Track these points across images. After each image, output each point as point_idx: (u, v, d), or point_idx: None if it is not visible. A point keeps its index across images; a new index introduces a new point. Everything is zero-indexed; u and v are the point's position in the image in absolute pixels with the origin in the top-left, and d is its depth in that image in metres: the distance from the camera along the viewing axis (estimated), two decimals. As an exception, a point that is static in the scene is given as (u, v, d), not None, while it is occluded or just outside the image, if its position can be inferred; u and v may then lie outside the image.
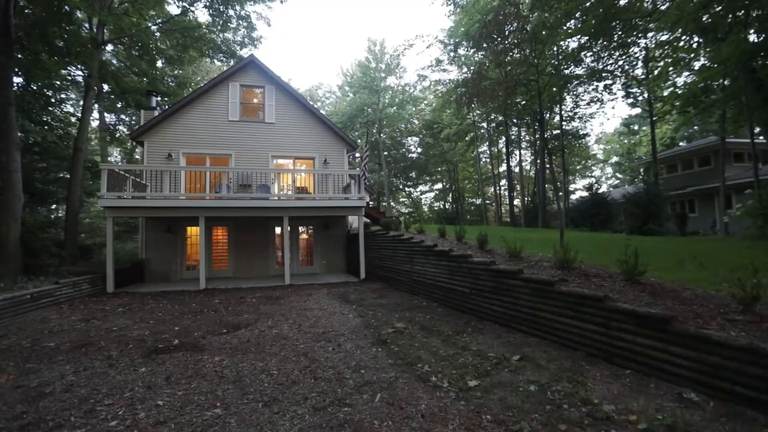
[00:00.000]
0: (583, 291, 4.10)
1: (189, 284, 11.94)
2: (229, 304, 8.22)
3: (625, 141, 44.37)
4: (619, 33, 13.22)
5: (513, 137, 35.57)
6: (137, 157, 28.30)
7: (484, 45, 7.73)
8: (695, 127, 38.56)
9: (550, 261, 5.86)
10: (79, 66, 16.50)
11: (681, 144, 37.66)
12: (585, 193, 30.14)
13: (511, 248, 6.18)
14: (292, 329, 5.91)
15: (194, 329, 5.98)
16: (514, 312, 5.22)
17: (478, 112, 31.31)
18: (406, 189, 46.84)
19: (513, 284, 5.21)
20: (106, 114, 28.57)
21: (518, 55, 7.33)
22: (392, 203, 42.37)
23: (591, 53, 18.90)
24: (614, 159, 52.13)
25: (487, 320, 5.87)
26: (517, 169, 39.28)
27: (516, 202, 44.97)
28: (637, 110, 45.65)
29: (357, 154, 36.37)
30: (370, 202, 20.84)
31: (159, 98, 18.49)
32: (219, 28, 18.79)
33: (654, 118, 23.80)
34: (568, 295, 4.26)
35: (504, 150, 39.47)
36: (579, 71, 22.25)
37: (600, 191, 24.58)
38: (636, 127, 46.66)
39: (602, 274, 4.92)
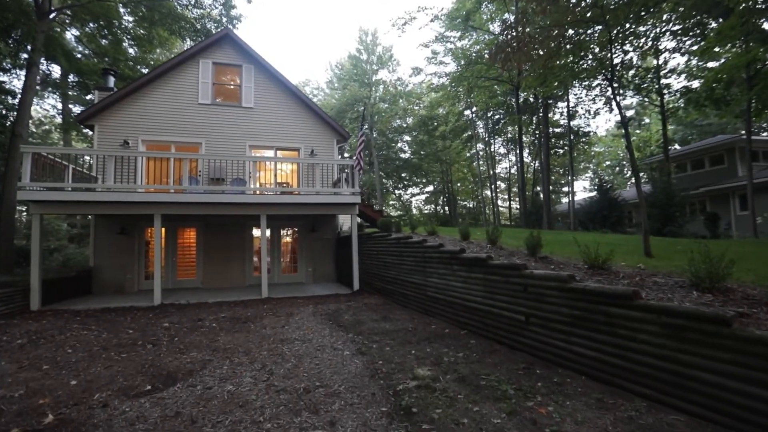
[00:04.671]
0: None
1: (144, 298, 9.65)
2: (179, 331, 6.01)
3: (634, 138, 43.19)
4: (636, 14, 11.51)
5: (510, 136, 33.97)
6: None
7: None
8: (690, 130, 37.65)
9: (656, 274, 3.87)
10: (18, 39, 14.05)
11: (675, 147, 36.57)
12: (590, 194, 28.62)
13: (590, 256, 4.15)
14: (257, 383, 3.76)
15: (102, 384, 3.79)
16: (622, 361, 3.17)
17: (491, 91, 29.62)
18: (396, 191, 44.85)
19: (623, 315, 3.16)
20: (71, 106, 25.86)
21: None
22: (383, 206, 40.32)
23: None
24: (607, 162, 50.95)
25: (560, 366, 3.82)
26: (514, 170, 37.77)
27: (511, 203, 43.45)
28: (631, 112, 44.99)
29: (347, 155, 34.30)
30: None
31: (124, 82, 16.14)
32: (192, 2, 16.56)
33: (666, 113, 22.28)
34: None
35: (500, 150, 37.89)
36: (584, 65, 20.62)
37: (607, 191, 22.84)
38: (630, 129, 45.56)
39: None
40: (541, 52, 6.11)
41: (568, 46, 6.23)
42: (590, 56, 6.49)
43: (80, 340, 5.49)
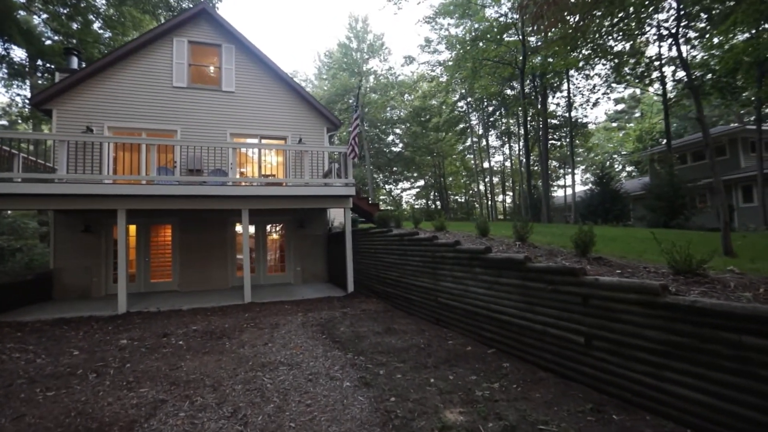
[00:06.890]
0: None
1: (109, 305, 8.42)
2: (136, 352, 4.85)
3: (626, 131, 42.92)
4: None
5: (504, 129, 33.07)
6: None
7: None
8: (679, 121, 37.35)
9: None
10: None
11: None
12: (585, 187, 27.93)
13: (673, 257, 3.11)
14: (224, 443, 2.66)
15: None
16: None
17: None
18: (387, 186, 43.73)
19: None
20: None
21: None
22: (376, 201, 39.15)
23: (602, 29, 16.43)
24: (597, 156, 50.51)
25: (647, 411, 2.79)
26: (508, 163, 36.98)
27: (504, 197, 42.70)
28: (622, 106, 44.89)
29: (338, 146, 33.08)
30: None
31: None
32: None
33: (669, 104, 21.57)
34: None
35: (494, 143, 36.96)
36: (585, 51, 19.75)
37: (608, 183, 22.02)
38: (619, 124, 45.19)
39: None
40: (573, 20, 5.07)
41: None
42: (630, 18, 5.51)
43: (4, 369, 4.30)
